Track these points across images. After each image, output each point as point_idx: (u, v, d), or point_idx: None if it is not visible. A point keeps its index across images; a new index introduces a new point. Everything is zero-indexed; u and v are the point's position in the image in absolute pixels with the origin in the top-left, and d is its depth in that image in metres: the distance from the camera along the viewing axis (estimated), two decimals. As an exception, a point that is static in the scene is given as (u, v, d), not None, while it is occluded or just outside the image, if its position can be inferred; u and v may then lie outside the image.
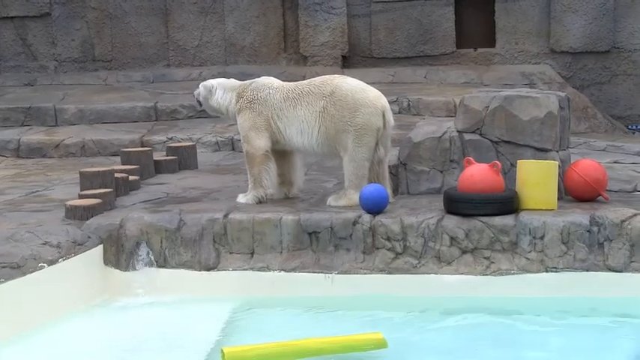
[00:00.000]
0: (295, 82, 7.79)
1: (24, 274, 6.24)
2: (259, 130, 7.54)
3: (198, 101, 7.98)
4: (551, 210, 6.97)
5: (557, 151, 7.46)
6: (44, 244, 6.68)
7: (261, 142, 7.55)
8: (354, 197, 7.27)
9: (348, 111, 7.32)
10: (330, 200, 7.44)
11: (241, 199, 7.61)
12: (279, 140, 7.58)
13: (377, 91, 7.55)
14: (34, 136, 12.05)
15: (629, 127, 13.12)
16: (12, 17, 14.70)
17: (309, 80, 7.72)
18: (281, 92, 7.57)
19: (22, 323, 6.07)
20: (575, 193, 7.35)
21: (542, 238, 6.76)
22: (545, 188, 7.02)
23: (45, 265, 6.46)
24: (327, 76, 7.74)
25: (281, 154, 7.71)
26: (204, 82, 7.98)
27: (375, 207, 7.02)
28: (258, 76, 7.90)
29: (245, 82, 7.84)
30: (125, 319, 6.70)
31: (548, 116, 7.43)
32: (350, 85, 7.45)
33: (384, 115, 7.40)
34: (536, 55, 13.89)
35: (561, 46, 13.70)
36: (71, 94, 13.49)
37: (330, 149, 7.48)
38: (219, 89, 7.82)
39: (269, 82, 7.72)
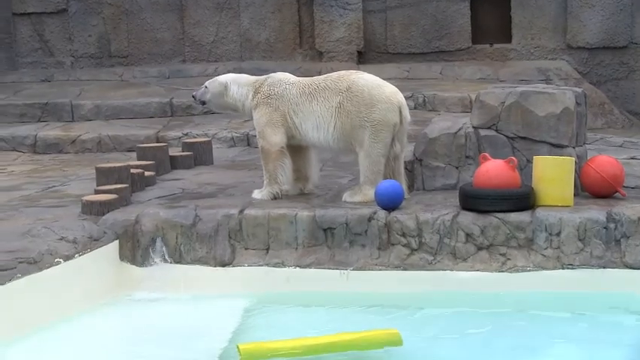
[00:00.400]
0: (311, 78, 7.77)
1: (40, 269, 6.27)
2: (275, 126, 7.52)
3: (202, 101, 7.90)
4: (567, 206, 6.94)
5: (574, 147, 7.43)
6: (60, 239, 6.70)
7: (277, 138, 7.53)
8: (369, 193, 7.26)
9: (365, 107, 7.30)
10: (346, 196, 7.42)
11: (256, 194, 7.61)
12: (295, 135, 7.56)
13: (393, 87, 7.53)
14: (51, 131, 12.07)
15: (646, 123, 13.04)
16: (29, 13, 14.73)
17: (325, 76, 7.70)
18: (297, 87, 7.55)
19: (39, 318, 6.10)
20: (592, 189, 7.31)
21: (558, 234, 6.74)
22: (561, 184, 6.99)
23: (61, 260, 6.48)
24: (343, 71, 7.74)
25: (296, 149, 7.69)
26: (217, 78, 7.90)
27: (390, 203, 7.00)
28: (274, 72, 7.88)
29: (260, 77, 7.81)
30: (140, 315, 6.72)
31: (565, 112, 7.40)
32: (366, 80, 7.43)
33: (400, 111, 7.37)
34: (552, 50, 13.80)
35: (578, 41, 13.61)
36: (87, 90, 13.51)
37: (346, 145, 7.47)
38: (234, 84, 7.76)
39: (285, 78, 7.70)
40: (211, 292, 6.91)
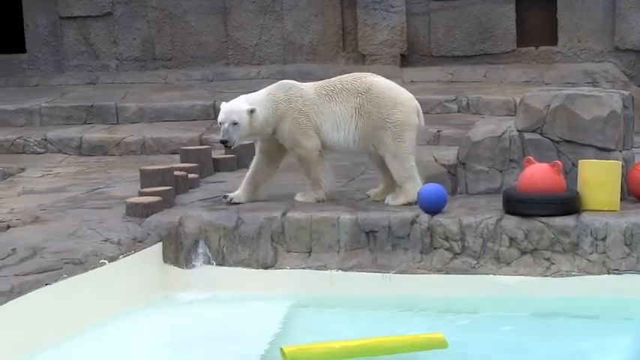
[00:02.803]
0: (320, 81, 7.76)
1: (85, 270, 6.33)
2: (307, 130, 7.49)
3: (232, 141, 7.36)
4: (613, 211, 6.87)
5: (621, 151, 7.36)
6: (105, 240, 6.76)
7: (313, 142, 7.50)
8: (411, 191, 7.27)
9: (385, 108, 7.35)
10: (389, 199, 7.42)
11: (300, 197, 7.61)
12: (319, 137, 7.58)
13: (409, 92, 7.63)
14: (96, 134, 12.20)
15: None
16: (75, 17, 14.89)
17: (337, 77, 7.70)
18: (312, 90, 7.57)
19: (83, 319, 6.16)
20: (639, 193, 7.23)
21: (604, 239, 6.67)
22: (607, 189, 6.93)
23: (106, 261, 6.54)
24: (356, 73, 7.77)
25: (272, 158, 7.71)
26: (235, 108, 7.36)
27: (433, 207, 6.99)
28: (319, 76, 7.87)
29: (267, 88, 7.62)
30: (183, 317, 6.76)
31: (612, 115, 7.33)
32: (386, 83, 7.54)
33: (417, 114, 7.48)
34: (599, 53, 13.67)
35: (626, 43, 13.46)
36: (132, 93, 13.64)
37: (366, 146, 7.48)
38: (257, 106, 7.40)
39: (294, 82, 7.69)
40: (254, 294, 6.93)
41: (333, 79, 7.71)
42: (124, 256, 6.72)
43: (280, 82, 7.72)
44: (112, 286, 6.51)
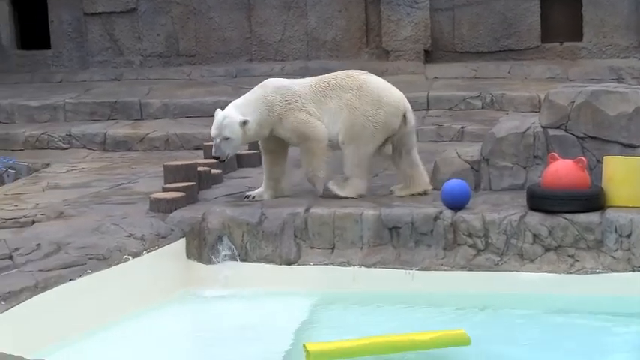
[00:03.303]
0: (311, 78, 7.75)
1: (109, 265, 6.37)
2: (312, 122, 7.46)
3: (225, 154, 7.37)
4: (638, 207, 6.83)
5: (645, 148, 7.33)
6: (129, 236, 6.79)
7: (321, 132, 7.48)
8: (360, 187, 7.48)
9: (372, 106, 7.41)
10: (331, 185, 7.50)
11: (337, 190, 7.46)
12: None
13: (400, 92, 7.63)
14: (120, 129, 12.26)
15: None
16: (100, 13, 14.95)
17: (331, 74, 7.69)
18: (306, 87, 7.55)
19: (107, 314, 6.20)
20: (664, 190, 7.18)
21: (628, 236, 6.64)
22: (632, 185, 6.89)
23: (129, 257, 6.57)
24: (351, 70, 7.78)
25: (276, 154, 7.70)
26: (226, 122, 7.25)
27: (456, 203, 6.98)
28: (336, 72, 7.82)
29: (257, 90, 7.53)
30: (206, 312, 6.80)
31: (637, 111, 7.30)
32: (377, 82, 7.57)
33: (405, 116, 7.50)
34: (625, 49, 13.57)
35: (651, 39, 13.39)
36: (156, 89, 13.69)
37: (336, 139, 7.53)
38: (248, 114, 7.32)
39: (283, 82, 7.66)
40: (277, 290, 6.94)
41: (326, 75, 7.70)
42: (148, 252, 6.75)
43: (268, 81, 7.63)
44: (135, 281, 6.54)
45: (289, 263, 7.09)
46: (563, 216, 6.76)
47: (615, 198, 6.90)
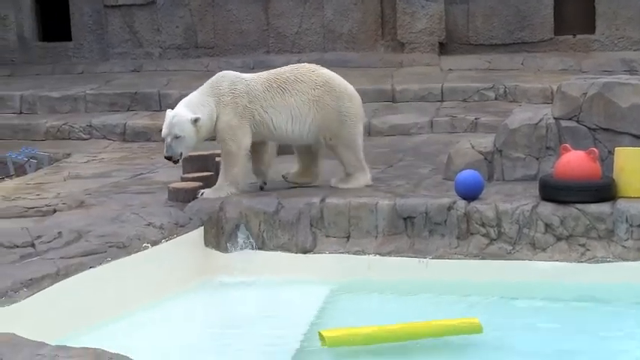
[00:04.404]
0: (268, 72, 7.55)
1: (129, 253, 6.40)
2: (246, 127, 7.25)
3: (177, 153, 7.13)
4: (649, 198, 6.82)
5: (657, 139, 7.30)
6: (148, 225, 6.82)
7: (247, 141, 7.27)
8: (362, 179, 7.51)
9: (342, 101, 7.40)
10: (337, 183, 7.54)
11: (209, 194, 7.33)
12: (264, 133, 7.37)
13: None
14: (140, 120, 12.31)
15: None
16: (119, 5, 15.00)
17: (286, 68, 7.53)
18: (259, 83, 7.34)
19: (127, 301, 6.23)
20: (675, 181, 7.16)
21: (639, 226, 6.62)
22: (643, 176, 6.88)
23: (149, 245, 6.61)
24: (302, 64, 7.66)
25: (258, 145, 7.51)
26: (176, 121, 7.07)
27: (470, 193, 6.97)
28: (358, 63, 7.84)
29: (207, 85, 7.36)
30: (224, 300, 6.82)
31: (648, 103, 7.27)
32: (337, 76, 7.54)
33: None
34: (637, 41, 13.49)
35: (664, 31, 13.31)
36: (175, 80, 13.72)
37: (316, 137, 7.43)
38: (198, 110, 7.12)
39: (239, 75, 7.42)
40: (293, 278, 6.95)
41: (281, 69, 7.54)
42: (167, 240, 6.78)
43: (220, 74, 7.44)
44: (154, 269, 6.57)
45: (305, 252, 7.11)
46: (575, 206, 6.75)
47: (626, 188, 6.88)
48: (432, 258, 6.89)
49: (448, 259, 6.87)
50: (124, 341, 5.65)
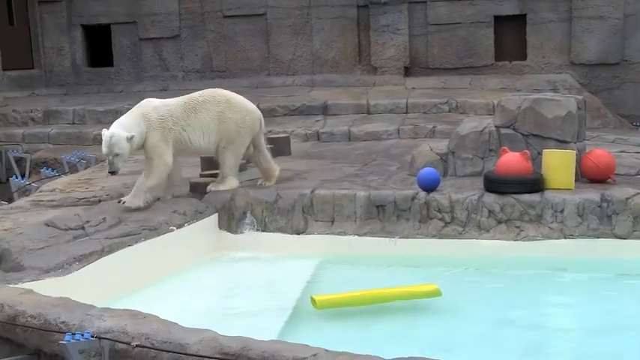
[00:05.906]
0: (182, 97, 7.21)
1: (159, 234, 6.39)
2: (169, 148, 6.89)
3: (117, 167, 6.57)
4: (569, 189, 6.83)
5: (575, 143, 7.29)
6: (174, 212, 6.79)
7: (170, 159, 6.88)
8: (234, 182, 7.31)
9: (241, 115, 7.23)
10: (211, 187, 7.30)
11: (130, 203, 6.70)
12: (185, 148, 7.08)
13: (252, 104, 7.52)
14: (167, 129, 12.20)
15: (634, 123, 12.65)
16: (151, 38, 14.91)
17: (197, 93, 7.23)
18: (179, 106, 7.02)
19: (157, 272, 6.22)
20: (589, 175, 7.17)
21: (562, 211, 6.63)
22: (565, 172, 6.89)
23: (174, 228, 6.58)
24: (211, 89, 7.36)
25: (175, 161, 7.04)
26: (114, 141, 6.50)
27: (429, 186, 6.96)
28: (340, 83, 7.76)
29: (136, 110, 6.87)
30: (233, 270, 6.79)
31: (569, 115, 7.26)
32: (237, 95, 7.39)
33: (260, 121, 7.42)
34: (559, 66, 13.50)
35: (580, 59, 13.29)
36: (195, 97, 13.62)
37: (215, 146, 7.21)
38: (132, 130, 6.63)
39: (162, 101, 7.01)
40: (289, 254, 6.94)
41: (194, 94, 7.22)
42: (188, 224, 6.75)
43: (147, 100, 6.99)
44: (179, 247, 6.55)
45: (298, 233, 7.09)
46: (512, 196, 6.75)
47: (552, 182, 6.89)
48: (400, 237, 6.87)
49: (412, 238, 6.85)
50: (154, 304, 5.62)
